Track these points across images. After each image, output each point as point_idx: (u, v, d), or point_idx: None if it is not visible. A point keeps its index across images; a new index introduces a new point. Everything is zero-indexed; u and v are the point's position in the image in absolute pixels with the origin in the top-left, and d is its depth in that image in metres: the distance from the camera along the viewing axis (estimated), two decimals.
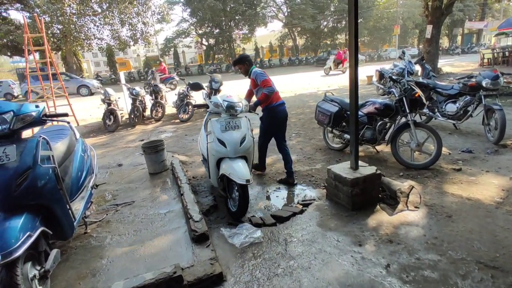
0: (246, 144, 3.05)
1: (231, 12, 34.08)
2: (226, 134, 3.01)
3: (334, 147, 5.03)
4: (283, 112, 3.83)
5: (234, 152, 2.97)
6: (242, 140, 3.03)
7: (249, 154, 3.14)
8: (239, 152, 3.00)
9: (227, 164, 2.93)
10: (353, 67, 2.71)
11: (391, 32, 39.43)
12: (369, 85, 12.71)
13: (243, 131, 3.08)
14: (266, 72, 3.85)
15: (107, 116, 8.21)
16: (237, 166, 2.87)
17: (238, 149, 2.99)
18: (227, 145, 2.97)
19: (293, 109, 8.76)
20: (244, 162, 2.98)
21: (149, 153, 4.09)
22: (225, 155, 2.99)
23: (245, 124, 3.15)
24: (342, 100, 4.78)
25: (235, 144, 2.97)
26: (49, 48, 8.68)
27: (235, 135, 3.01)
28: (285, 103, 3.94)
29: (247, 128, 3.15)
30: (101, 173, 4.47)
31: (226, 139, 2.98)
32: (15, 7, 21.40)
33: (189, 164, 4.94)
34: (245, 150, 3.05)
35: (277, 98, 3.81)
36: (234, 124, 3.08)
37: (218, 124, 3.06)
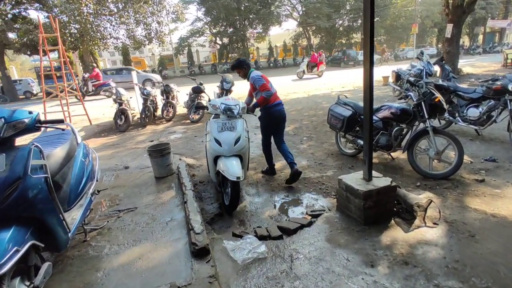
0: (241, 144, 3.31)
1: (245, 11, 33.94)
2: (222, 134, 3.30)
3: (346, 153, 4.81)
4: (280, 111, 3.95)
5: (228, 151, 3.24)
6: (237, 140, 3.29)
7: (244, 154, 3.39)
8: (234, 151, 3.26)
9: (223, 162, 3.18)
10: (368, 69, 2.51)
11: (408, 31, 38.45)
12: (384, 86, 12.33)
13: (238, 132, 3.33)
14: (264, 76, 3.94)
15: (118, 116, 8.22)
16: (231, 164, 3.13)
17: (233, 148, 3.25)
18: (222, 144, 3.25)
19: (306, 111, 8.55)
20: (238, 160, 3.23)
21: (155, 156, 4.00)
22: (221, 153, 3.27)
23: (240, 126, 3.39)
24: (356, 103, 4.56)
25: (229, 144, 3.25)
26: (64, 48, 8.74)
27: (230, 136, 3.29)
28: (282, 103, 4.05)
29: (242, 129, 3.38)
30: (107, 175, 4.41)
31: (221, 138, 3.27)
32: (35, 7, 21.90)
33: (197, 168, 4.83)
34: (239, 150, 3.30)
35: (274, 99, 3.93)
36: (230, 125, 3.36)
37: (215, 124, 3.37)
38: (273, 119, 3.95)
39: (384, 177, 2.83)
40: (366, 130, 2.70)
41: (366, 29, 2.44)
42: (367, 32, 2.43)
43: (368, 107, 2.62)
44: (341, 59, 30.05)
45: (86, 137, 7.89)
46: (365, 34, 2.45)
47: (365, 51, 2.51)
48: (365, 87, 2.62)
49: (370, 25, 2.38)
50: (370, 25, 2.38)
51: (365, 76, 2.57)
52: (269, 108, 3.89)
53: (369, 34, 2.39)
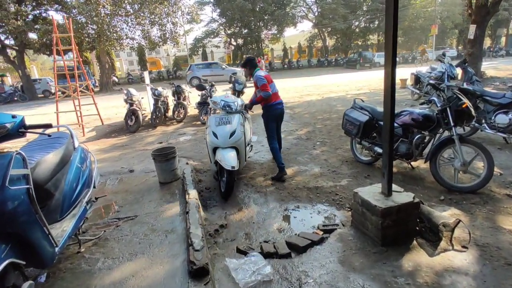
0: (236, 137, 3.67)
1: (260, 12, 33.80)
2: (218, 128, 3.69)
3: (362, 160, 4.52)
4: (279, 110, 4.37)
5: (224, 143, 3.61)
6: (232, 133, 3.65)
7: (239, 145, 3.73)
8: (229, 143, 3.62)
9: (220, 152, 3.56)
10: (390, 71, 2.23)
11: (427, 32, 37.35)
12: (402, 89, 11.87)
13: (233, 126, 3.70)
14: (267, 76, 4.26)
15: (129, 117, 8.14)
16: (227, 154, 3.49)
17: (228, 140, 3.62)
18: (218, 137, 3.64)
19: (319, 114, 8.25)
20: (234, 151, 3.60)
21: (159, 161, 3.82)
22: (218, 145, 3.64)
23: (236, 121, 3.76)
24: (373, 108, 4.26)
25: (225, 137, 3.62)
26: (77, 49, 8.75)
27: (225, 129, 3.67)
28: (282, 103, 4.45)
29: (238, 123, 3.75)
30: (111, 179, 4.26)
31: (218, 132, 3.66)
32: (54, 8, 22.38)
33: (204, 173, 4.64)
34: (234, 142, 3.65)
35: (275, 98, 4.29)
36: (226, 120, 3.75)
37: (214, 119, 3.79)
38: (274, 116, 4.34)
39: (406, 191, 2.54)
40: (386, 139, 2.43)
41: (389, 28, 2.18)
42: (389, 31, 2.16)
43: (388, 113, 2.34)
44: (357, 61, 29.43)
45: (96, 137, 7.85)
46: (387, 33, 2.19)
47: (386, 51, 2.24)
48: (386, 91, 2.35)
49: (393, 24, 2.11)
50: (393, 24, 2.11)
51: (386, 79, 2.30)
52: (270, 106, 4.27)
53: (392, 33, 2.13)
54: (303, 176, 4.24)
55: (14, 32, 19.53)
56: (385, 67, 2.27)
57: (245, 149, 3.91)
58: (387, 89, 2.30)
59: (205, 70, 21.83)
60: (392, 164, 2.41)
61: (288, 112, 8.69)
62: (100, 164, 5.41)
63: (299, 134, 6.42)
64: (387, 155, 2.40)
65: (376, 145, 4.15)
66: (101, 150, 6.50)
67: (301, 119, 7.80)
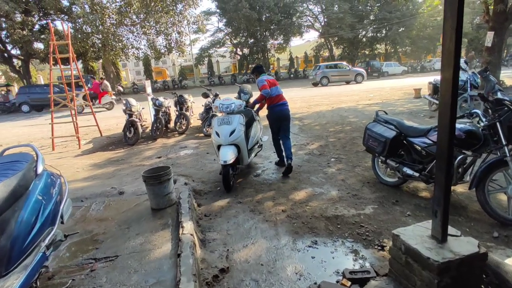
0: (235, 135, 4.06)
1: (266, 21, 33.62)
2: (220, 127, 4.13)
3: (387, 182, 3.90)
4: (283, 111, 4.60)
5: (225, 140, 4.03)
6: (232, 132, 4.05)
7: (240, 143, 4.12)
8: (229, 140, 4.03)
9: (221, 149, 4.00)
10: (450, 77, 1.65)
11: (435, 41, 36.82)
12: (417, 99, 11.25)
13: (233, 126, 4.10)
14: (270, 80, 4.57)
15: (128, 128, 7.66)
16: (225, 151, 3.92)
17: (228, 138, 4.03)
18: (220, 136, 4.08)
19: (331, 126, 7.66)
20: (234, 148, 4.02)
21: (151, 184, 3.26)
22: (220, 143, 4.08)
23: (236, 121, 4.16)
24: (400, 122, 3.67)
25: (225, 135, 4.04)
26: (75, 57, 8.36)
27: (226, 129, 4.08)
28: (286, 104, 4.66)
29: (237, 123, 4.14)
30: (97, 203, 3.70)
31: (220, 131, 4.10)
32: (61, 18, 22.36)
33: (204, 194, 4.06)
34: (234, 140, 4.05)
35: (279, 99, 4.60)
36: (227, 120, 4.17)
37: (217, 120, 4.28)
38: (276, 116, 4.62)
39: (464, 235, 1.93)
40: (441, 165, 1.82)
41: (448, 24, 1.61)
42: (451, 28, 1.59)
43: (447, 130, 1.74)
44: (365, 70, 28.89)
45: (93, 150, 7.36)
46: (447, 26, 1.62)
47: (446, 50, 1.67)
48: (443, 101, 1.76)
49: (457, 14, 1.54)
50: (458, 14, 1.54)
51: (444, 86, 1.72)
52: (273, 107, 4.60)
53: (455, 31, 1.56)
54: (319, 201, 3.64)
55: (20, 41, 19.47)
56: (444, 72, 1.70)
57: (247, 147, 4.29)
58: (445, 99, 1.72)
59: (332, 70, 22.39)
60: (449, 199, 1.81)
61: (297, 124, 8.13)
62: (90, 182, 4.88)
63: (310, 148, 5.82)
64: (442, 187, 1.79)
65: (404, 165, 3.54)
66: (94, 165, 5.98)
67: (312, 132, 7.21)
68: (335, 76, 22.08)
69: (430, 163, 3.29)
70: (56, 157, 6.89)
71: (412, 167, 3.47)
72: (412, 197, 3.56)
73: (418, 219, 3.02)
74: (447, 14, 1.61)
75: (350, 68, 23.67)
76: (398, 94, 13.45)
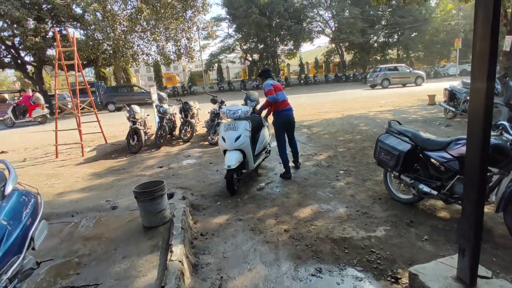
0: (240, 141, 4.14)
1: (276, 27, 33.54)
2: (226, 133, 4.23)
3: (400, 199, 3.56)
4: (288, 116, 4.74)
5: (230, 145, 4.12)
6: (237, 138, 4.14)
7: (245, 149, 4.19)
8: (235, 146, 4.11)
9: (226, 154, 4.10)
10: (485, 87, 1.36)
11: (449, 46, 35.95)
12: (431, 106, 10.81)
13: (239, 131, 4.19)
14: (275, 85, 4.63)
15: (131, 136, 7.50)
16: (230, 155, 4.02)
17: (233, 144, 4.11)
18: (226, 141, 4.18)
19: (340, 135, 7.33)
20: (239, 153, 4.10)
21: (143, 200, 3.02)
22: (226, 148, 4.17)
23: (242, 127, 4.23)
24: (416, 133, 3.34)
25: (231, 140, 4.13)
26: (80, 63, 8.30)
27: (232, 134, 4.18)
28: (291, 109, 4.80)
29: (243, 129, 4.22)
30: (88, 219, 3.48)
31: (226, 136, 4.20)
32: (74, 25, 22.68)
33: (203, 210, 3.80)
34: (239, 145, 4.13)
35: (285, 105, 4.70)
36: (233, 126, 4.26)
37: (223, 126, 4.37)
38: (283, 121, 4.70)
39: (496, 277, 1.60)
40: (471, 191, 1.52)
41: (480, 20, 1.32)
42: (483, 22, 1.30)
43: (478, 147, 1.44)
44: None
45: (95, 157, 7.22)
46: (478, 28, 1.33)
47: (479, 56, 1.38)
48: (475, 113, 1.46)
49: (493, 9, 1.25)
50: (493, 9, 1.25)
51: (476, 96, 1.42)
52: (279, 112, 4.68)
53: (491, 26, 1.27)
54: (325, 219, 3.33)
55: (33, 48, 19.78)
56: (475, 77, 1.40)
57: (253, 152, 4.37)
58: (477, 108, 1.42)
59: (393, 72, 22.69)
60: (480, 235, 1.49)
61: (305, 132, 7.83)
62: (86, 193, 4.70)
63: (318, 159, 5.51)
64: (472, 219, 1.48)
65: (421, 182, 3.21)
66: (94, 175, 5.81)
67: (320, 141, 6.90)
68: (396, 79, 22.36)
69: (449, 180, 2.96)
70: (59, 165, 6.77)
71: (429, 184, 3.14)
72: (429, 217, 3.22)
73: (436, 245, 2.69)
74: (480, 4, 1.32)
75: (410, 70, 23.85)
76: (411, 101, 13.00)
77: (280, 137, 4.71)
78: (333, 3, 35.10)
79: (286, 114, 4.68)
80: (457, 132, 6.73)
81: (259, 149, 4.72)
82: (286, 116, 4.69)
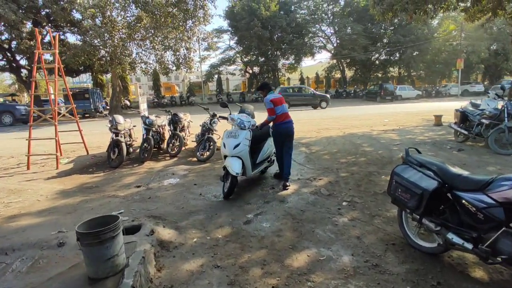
0: (239, 148, 4.42)
1: (278, 41, 33.35)
2: (227, 139, 4.57)
3: (420, 247, 2.83)
4: (289, 128, 4.82)
5: (229, 152, 4.45)
6: (236, 145, 4.44)
7: (243, 156, 4.45)
8: (233, 153, 4.42)
9: (227, 160, 4.43)
10: None
11: (451, 66, 35.77)
12: (438, 127, 10.18)
13: (239, 140, 4.48)
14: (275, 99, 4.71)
15: (111, 149, 6.78)
16: (233, 162, 4.35)
17: (232, 151, 4.43)
18: (226, 147, 4.53)
19: (342, 156, 6.64)
20: (239, 160, 4.40)
21: (87, 244, 2.28)
22: (226, 154, 4.52)
23: (243, 136, 4.51)
24: (443, 167, 2.64)
25: (230, 147, 4.46)
26: (62, 67, 7.67)
27: (232, 142, 4.51)
28: (291, 121, 4.86)
29: (243, 138, 4.48)
30: (23, 261, 2.73)
31: (226, 142, 4.55)
32: (72, 31, 22.26)
33: (174, 250, 3.05)
34: (237, 152, 4.42)
35: (284, 117, 4.78)
36: (234, 134, 4.59)
37: (226, 133, 4.70)
38: (282, 133, 4.81)
39: None
40: None
41: None
42: None
43: None
44: (378, 93, 27.96)
45: (70, 171, 6.49)
46: None
47: None
48: None
49: None
50: None
51: None
52: (279, 125, 4.78)
53: None
54: (325, 272, 2.60)
55: (27, 52, 19.27)
56: None
57: (251, 160, 4.59)
58: None
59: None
60: None
61: (303, 151, 7.14)
62: (42, 218, 3.96)
63: (317, 185, 4.80)
64: None
65: (450, 230, 2.50)
66: (61, 193, 5.07)
67: (320, 162, 6.20)
68: None
69: (490, 232, 2.25)
70: (27, 179, 6.03)
71: (461, 233, 2.43)
72: (461, 277, 2.49)
73: None
74: None
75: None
76: (415, 120, 12.38)
77: (280, 148, 4.91)
78: (335, 20, 35.10)
79: (286, 127, 4.79)
80: (472, 158, 6.06)
81: (262, 158, 5.02)
82: (285, 129, 4.79)
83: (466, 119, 7.32)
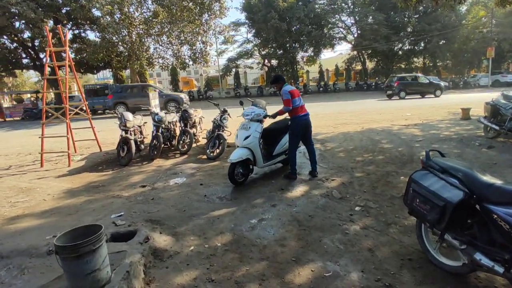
0: (248, 140, 4.65)
1: (296, 33, 32.57)
2: (240, 131, 4.83)
3: (443, 265, 2.47)
4: (305, 120, 4.82)
5: (240, 143, 4.72)
6: (246, 137, 4.67)
7: (252, 148, 4.68)
8: (243, 144, 4.66)
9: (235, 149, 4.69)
10: None
11: (480, 55, 33.71)
12: (465, 121, 9.47)
13: (249, 132, 4.71)
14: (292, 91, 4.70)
15: (121, 146, 6.70)
16: (236, 151, 4.59)
17: (242, 142, 4.68)
18: (238, 138, 4.78)
19: (359, 153, 6.23)
20: (246, 150, 4.63)
21: (65, 258, 2.10)
22: (237, 144, 4.80)
23: (253, 128, 4.74)
24: (471, 173, 2.26)
25: (241, 139, 4.72)
26: (73, 64, 7.66)
27: (242, 133, 4.74)
28: (308, 114, 4.88)
29: (254, 130, 4.72)
30: (11, 268, 2.61)
31: (238, 134, 4.80)
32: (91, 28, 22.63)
33: (168, 259, 2.85)
34: (247, 144, 4.65)
35: (302, 111, 4.79)
36: (246, 126, 4.81)
37: (240, 125, 4.94)
38: (300, 126, 4.78)
39: None
40: None
41: None
42: None
43: None
44: None
45: (80, 169, 6.47)
46: None
47: None
48: None
49: None
50: None
51: None
52: (297, 117, 4.75)
53: None
54: None
55: None
56: None
57: (261, 153, 4.76)
58: None
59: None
60: None
61: (318, 148, 6.76)
62: (43, 220, 3.89)
63: (329, 187, 4.46)
64: None
65: (477, 248, 2.13)
66: (68, 192, 5.02)
67: (334, 160, 5.83)
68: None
69: None
70: (38, 176, 6.06)
71: (490, 253, 2.07)
72: None
73: None
74: None
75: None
76: (440, 114, 11.63)
77: (295, 141, 4.88)
78: (356, 9, 33.75)
79: (305, 119, 4.82)
80: (503, 156, 5.51)
81: (279, 150, 5.14)
82: (305, 121, 4.81)
83: (498, 112, 6.68)
